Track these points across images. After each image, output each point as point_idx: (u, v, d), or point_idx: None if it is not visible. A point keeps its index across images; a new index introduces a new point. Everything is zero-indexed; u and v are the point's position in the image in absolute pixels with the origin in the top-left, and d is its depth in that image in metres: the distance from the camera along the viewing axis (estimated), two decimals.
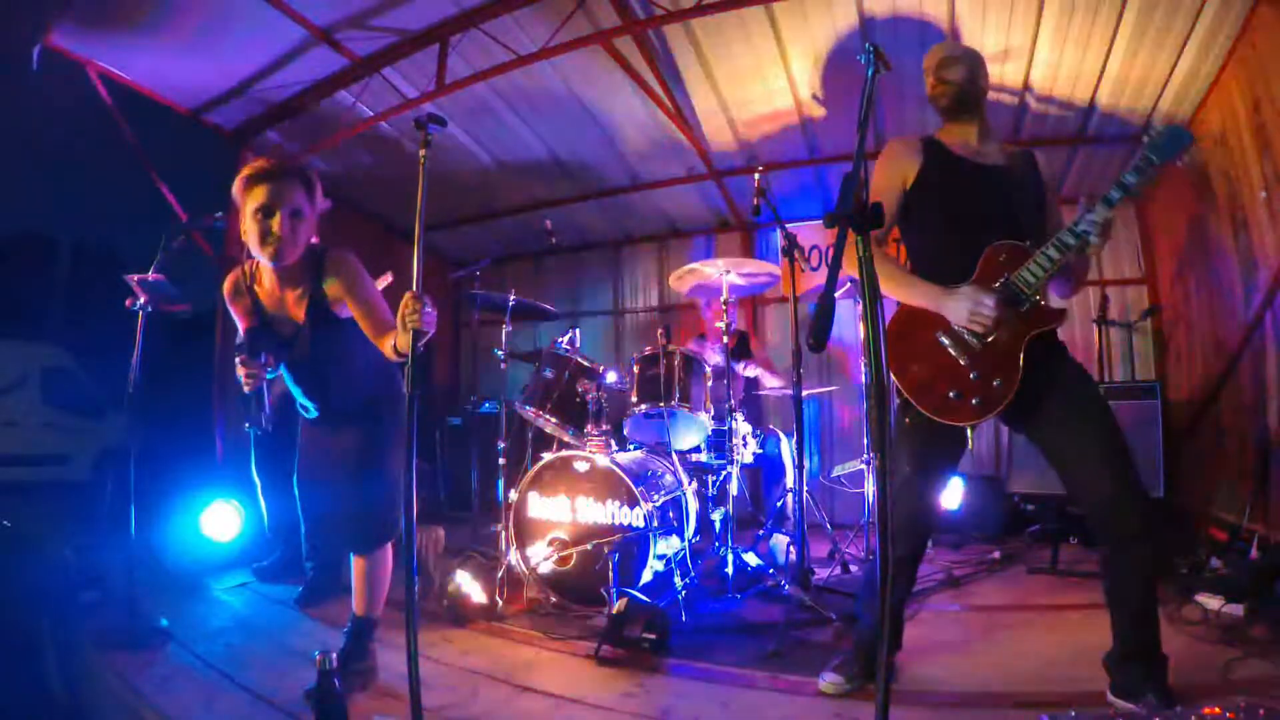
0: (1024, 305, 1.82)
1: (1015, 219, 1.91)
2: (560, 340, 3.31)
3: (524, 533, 3.03)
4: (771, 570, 3.06)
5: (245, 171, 1.89)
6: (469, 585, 2.80)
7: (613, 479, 2.93)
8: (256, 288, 2.02)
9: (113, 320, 3.33)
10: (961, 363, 1.84)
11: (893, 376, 1.91)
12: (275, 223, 1.86)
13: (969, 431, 1.87)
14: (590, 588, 2.79)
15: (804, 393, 3.21)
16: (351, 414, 2.13)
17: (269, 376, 1.95)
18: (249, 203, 1.87)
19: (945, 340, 1.87)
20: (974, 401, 1.82)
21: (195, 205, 3.63)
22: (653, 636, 2.33)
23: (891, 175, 2.00)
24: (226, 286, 2.07)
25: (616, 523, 2.93)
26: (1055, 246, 1.78)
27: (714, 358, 3.75)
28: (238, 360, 1.88)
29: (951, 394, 1.84)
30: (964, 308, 1.81)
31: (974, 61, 2.03)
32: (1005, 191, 1.93)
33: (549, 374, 3.21)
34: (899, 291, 1.94)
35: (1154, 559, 1.80)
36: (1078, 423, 1.82)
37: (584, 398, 3.25)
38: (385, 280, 2.99)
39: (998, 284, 1.83)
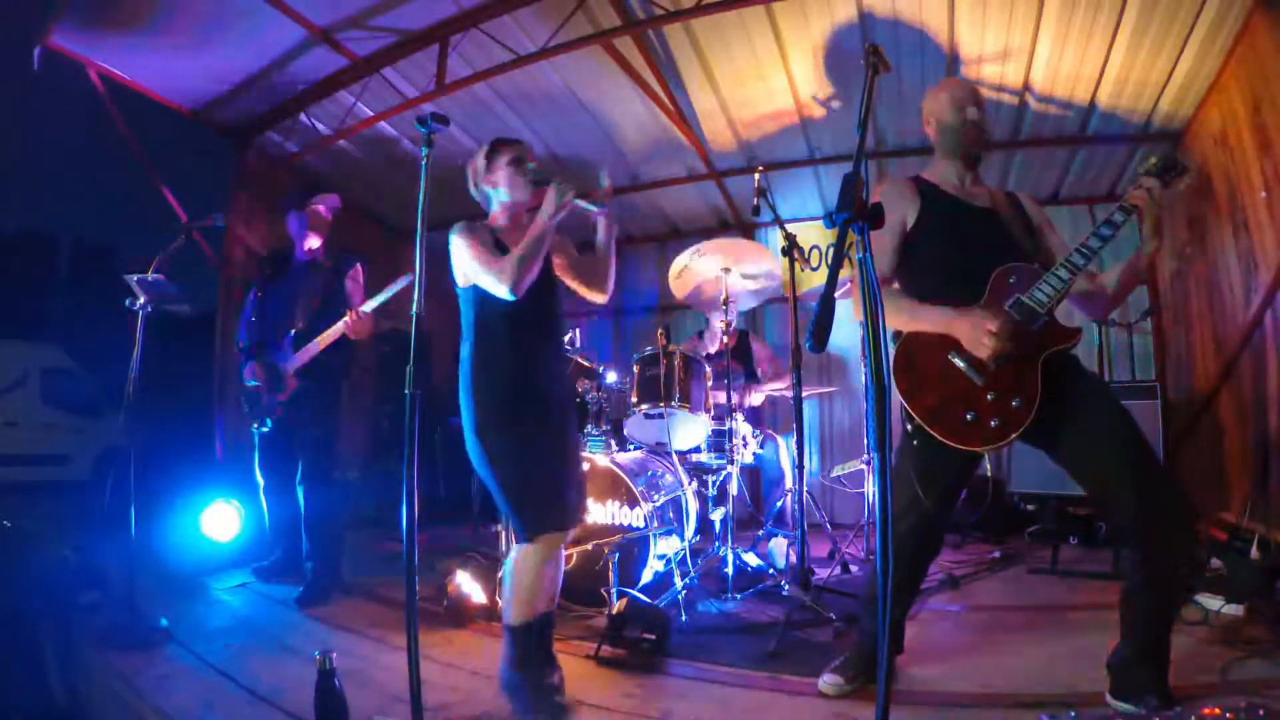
0: (1037, 324, 1.78)
1: (1018, 249, 1.90)
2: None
3: None
4: (771, 570, 3.06)
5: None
6: (469, 585, 2.79)
7: (613, 479, 2.93)
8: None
9: (113, 320, 3.33)
10: (977, 384, 1.79)
11: (904, 402, 1.87)
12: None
13: (986, 456, 1.84)
14: (590, 588, 2.78)
15: (804, 393, 3.21)
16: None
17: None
18: (504, 156, 2.10)
19: (959, 362, 1.81)
20: (993, 424, 1.77)
21: (195, 205, 3.63)
22: (653, 636, 2.32)
23: (891, 216, 1.95)
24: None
25: (616, 523, 2.92)
26: (1065, 266, 1.77)
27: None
28: None
29: (969, 416, 1.79)
30: (966, 331, 1.78)
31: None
32: (1003, 230, 1.94)
33: None
34: (906, 319, 1.90)
35: (1179, 573, 1.77)
36: (1101, 437, 1.78)
37: (584, 398, 3.25)
38: (407, 280, 2.91)
39: (1009, 304, 1.80)
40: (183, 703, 1.98)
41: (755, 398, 4.10)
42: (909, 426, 1.91)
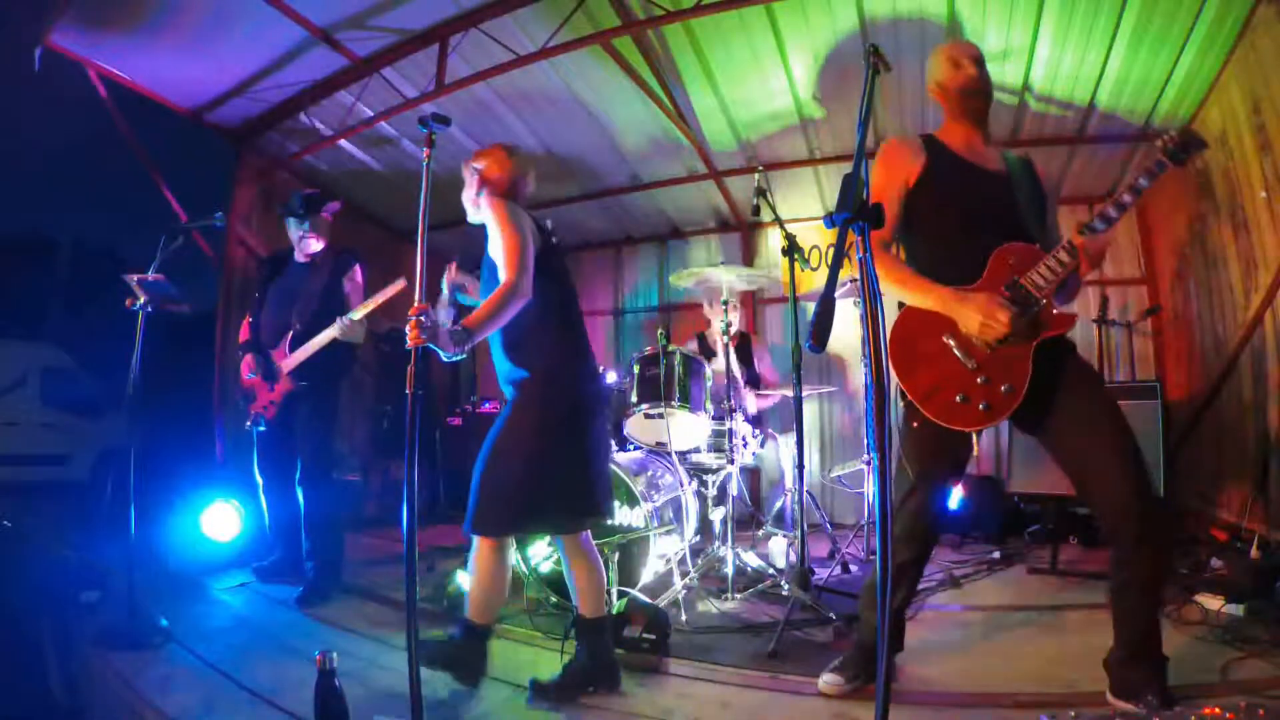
0: (1033, 309, 1.79)
1: (1019, 224, 1.89)
2: None
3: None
4: (771, 570, 3.06)
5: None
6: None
7: (613, 479, 2.93)
8: None
9: (113, 320, 3.33)
10: (969, 367, 1.81)
11: (898, 380, 1.88)
12: None
13: (975, 437, 1.84)
14: None
15: (804, 393, 3.21)
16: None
17: None
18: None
19: (952, 344, 1.83)
20: (981, 407, 1.79)
21: (195, 205, 3.63)
22: (653, 636, 2.32)
23: (892, 177, 1.96)
24: None
25: (616, 523, 2.92)
26: (1065, 250, 1.77)
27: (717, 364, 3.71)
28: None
29: (958, 398, 1.80)
30: (975, 318, 1.78)
31: None
32: (1008, 196, 1.92)
33: None
34: (908, 293, 1.90)
35: (1163, 562, 1.78)
36: (1088, 425, 1.79)
37: None
38: (398, 286, 2.98)
39: (1006, 286, 1.80)
40: (183, 703, 1.98)
41: (752, 402, 4.10)
42: (903, 406, 1.92)
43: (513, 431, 2.05)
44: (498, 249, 2.05)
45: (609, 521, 2.92)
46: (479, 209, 2.19)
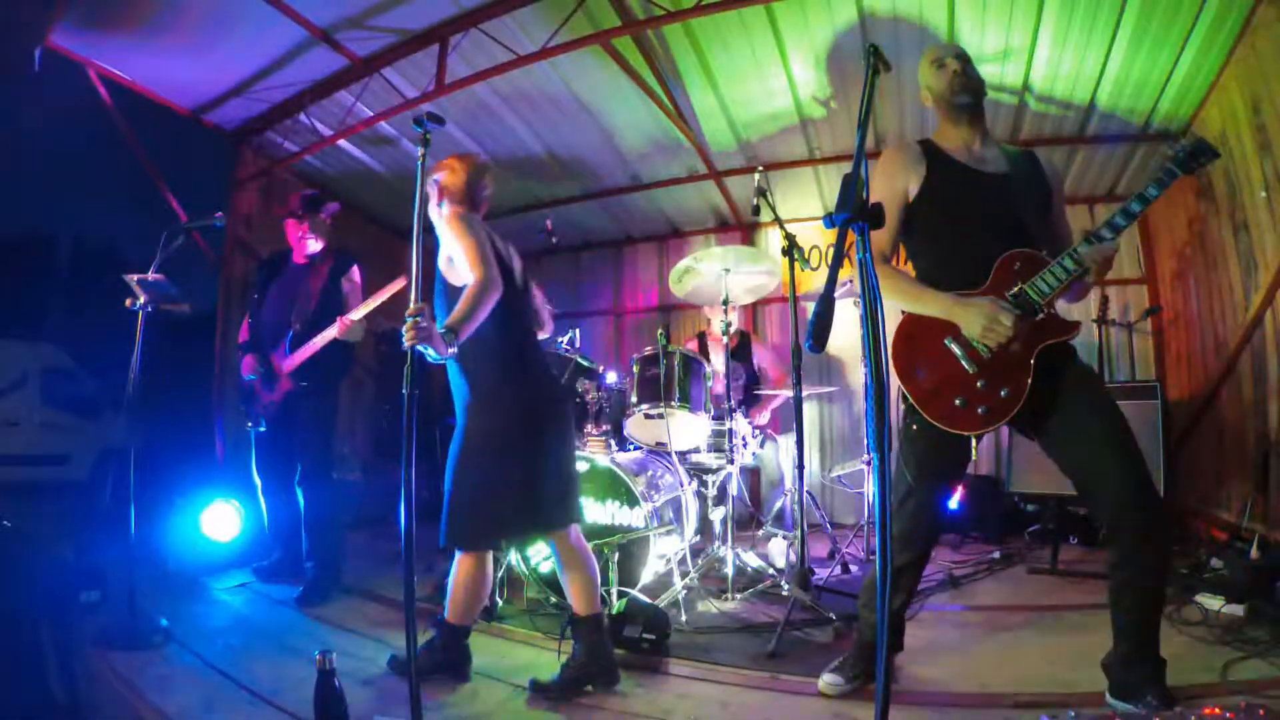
0: (1037, 315, 1.79)
1: (1022, 226, 1.88)
2: (560, 340, 3.31)
3: None
4: (771, 570, 3.06)
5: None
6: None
7: (613, 479, 2.93)
8: None
9: (113, 320, 3.33)
10: (969, 371, 1.81)
11: (899, 382, 1.88)
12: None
13: (974, 441, 1.84)
14: None
15: (804, 393, 3.21)
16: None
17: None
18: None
19: (954, 347, 1.82)
20: (980, 410, 1.79)
21: (195, 205, 3.63)
22: (653, 636, 2.33)
23: (893, 187, 1.95)
24: None
25: (616, 523, 2.93)
26: (1071, 257, 1.77)
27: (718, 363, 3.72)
28: None
29: (958, 401, 1.81)
30: (978, 322, 1.77)
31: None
32: (1011, 198, 1.91)
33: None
34: (910, 302, 1.90)
35: (1164, 561, 1.78)
36: (1088, 426, 1.79)
37: (584, 398, 3.25)
38: (398, 284, 3.00)
39: (1011, 293, 1.80)
40: (183, 703, 1.98)
41: (762, 417, 4.12)
42: (903, 408, 1.92)
43: (462, 448, 2.11)
44: (458, 254, 2.08)
45: (605, 522, 2.93)
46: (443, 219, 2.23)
